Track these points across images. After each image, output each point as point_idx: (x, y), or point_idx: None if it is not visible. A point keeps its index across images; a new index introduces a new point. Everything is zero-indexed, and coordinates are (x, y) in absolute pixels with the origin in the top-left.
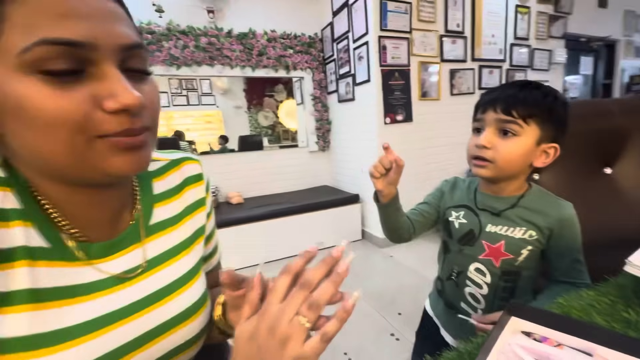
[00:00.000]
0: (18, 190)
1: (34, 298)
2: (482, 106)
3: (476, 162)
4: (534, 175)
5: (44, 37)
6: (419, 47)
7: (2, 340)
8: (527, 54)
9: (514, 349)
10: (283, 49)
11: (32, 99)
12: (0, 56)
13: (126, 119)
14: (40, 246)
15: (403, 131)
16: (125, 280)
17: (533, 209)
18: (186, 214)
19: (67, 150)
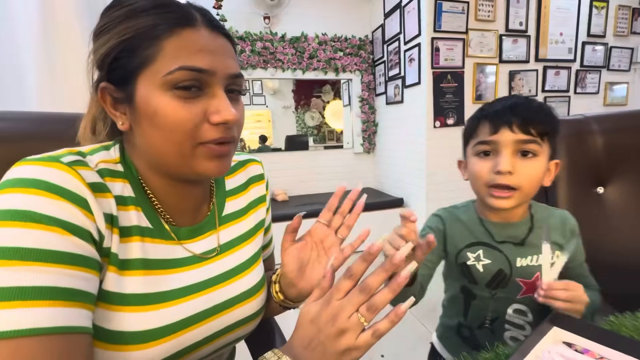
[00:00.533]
0: (132, 182)
1: (145, 266)
2: (493, 126)
3: (498, 192)
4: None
5: (184, 64)
6: (475, 47)
7: (124, 294)
8: (603, 52)
9: (553, 357)
10: (333, 51)
11: (165, 108)
12: (152, 76)
13: (222, 130)
14: (147, 226)
15: (453, 135)
16: (204, 259)
17: (549, 228)
18: (250, 208)
19: (177, 150)
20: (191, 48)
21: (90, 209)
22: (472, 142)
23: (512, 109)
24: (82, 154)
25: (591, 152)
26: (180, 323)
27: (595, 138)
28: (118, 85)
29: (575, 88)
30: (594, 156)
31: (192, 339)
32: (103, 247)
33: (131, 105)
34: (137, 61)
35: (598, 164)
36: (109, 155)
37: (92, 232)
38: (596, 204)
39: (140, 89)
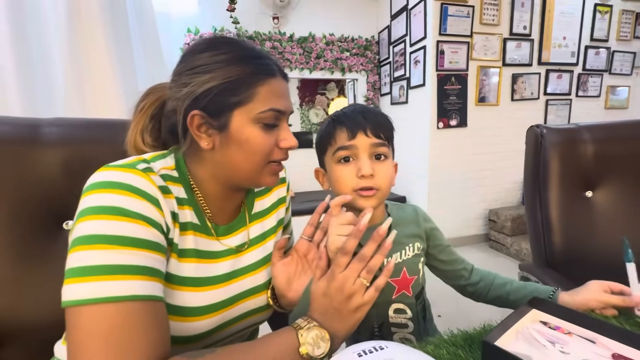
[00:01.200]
0: (184, 186)
1: (197, 255)
2: (350, 131)
3: (364, 192)
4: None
5: (273, 107)
6: (479, 51)
7: (181, 277)
8: (605, 56)
9: (530, 331)
10: (340, 51)
11: (255, 138)
12: (247, 112)
13: (285, 153)
14: (197, 223)
15: (456, 136)
16: (237, 252)
17: (404, 221)
18: (273, 208)
19: (254, 168)
20: (276, 94)
21: (161, 207)
22: (330, 150)
23: (363, 115)
24: (147, 162)
25: (582, 159)
26: (223, 302)
27: (587, 146)
28: (212, 114)
29: (577, 91)
30: (584, 163)
31: (230, 316)
32: (168, 237)
33: (222, 132)
34: (236, 99)
35: (588, 170)
36: (166, 162)
37: (162, 225)
38: (585, 207)
39: (235, 121)
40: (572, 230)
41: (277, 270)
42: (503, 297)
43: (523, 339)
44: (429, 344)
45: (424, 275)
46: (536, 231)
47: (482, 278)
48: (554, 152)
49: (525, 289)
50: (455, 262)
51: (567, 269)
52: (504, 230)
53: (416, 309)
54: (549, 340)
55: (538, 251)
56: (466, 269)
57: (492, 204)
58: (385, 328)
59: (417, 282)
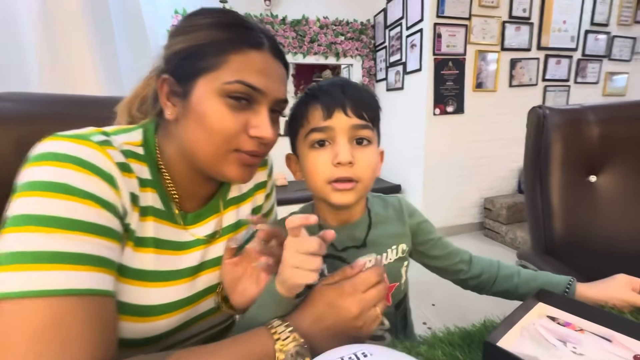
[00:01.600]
0: (150, 165)
1: (157, 245)
2: (326, 109)
3: (339, 185)
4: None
5: (243, 79)
6: (477, 34)
7: (135, 269)
8: (605, 42)
9: (537, 328)
10: (334, 35)
11: (214, 112)
12: (212, 80)
13: (256, 144)
14: (160, 208)
15: (453, 123)
16: (207, 242)
17: (386, 219)
18: (249, 195)
19: (213, 151)
20: (252, 67)
21: (117, 186)
22: (302, 132)
23: (343, 90)
24: (106, 134)
25: (586, 141)
26: (186, 300)
27: (591, 128)
28: (179, 80)
29: (576, 77)
30: (589, 146)
31: (193, 314)
32: (125, 222)
33: (184, 100)
34: (203, 65)
35: (592, 153)
36: (131, 137)
37: (117, 207)
38: (588, 193)
39: (198, 89)
40: (574, 217)
41: (224, 269)
42: (511, 290)
43: (529, 337)
44: (422, 344)
45: (407, 282)
46: (536, 217)
47: (484, 269)
48: (557, 134)
49: (536, 280)
50: (450, 256)
51: (567, 256)
52: (499, 218)
53: (395, 319)
54: (559, 339)
55: (537, 238)
56: (464, 260)
57: (488, 192)
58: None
59: (399, 289)
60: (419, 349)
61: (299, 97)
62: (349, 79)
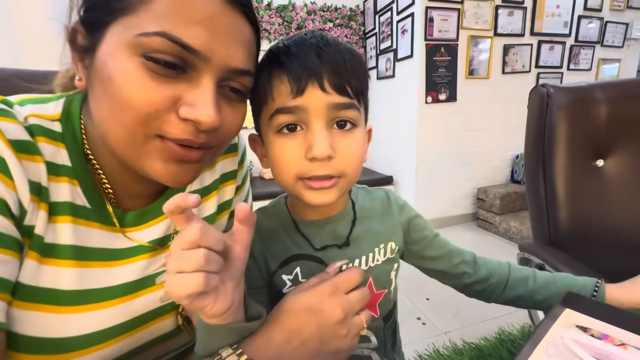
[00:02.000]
0: (70, 148)
1: (78, 255)
2: (295, 82)
3: (315, 184)
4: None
5: (167, 31)
6: (470, 19)
7: (42, 289)
8: (598, 27)
9: (567, 343)
10: (323, 22)
11: (125, 75)
12: (124, 29)
13: (191, 131)
14: (82, 205)
15: (445, 111)
16: (155, 249)
17: (373, 213)
18: (214, 188)
19: (125, 134)
20: (188, 14)
21: (10, 173)
22: (265, 111)
23: (318, 53)
24: (7, 103)
25: (593, 122)
26: (122, 326)
27: (599, 107)
28: (88, 29)
29: (569, 64)
30: (596, 127)
31: (131, 345)
32: (24, 224)
33: (90, 59)
34: (116, 4)
35: (599, 135)
36: (45, 109)
37: (9, 203)
38: (595, 178)
39: (105, 42)
40: (580, 204)
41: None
42: (525, 296)
43: (558, 355)
44: None
45: (396, 290)
46: (538, 206)
47: (492, 272)
48: (562, 115)
49: (556, 284)
50: (449, 256)
51: (574, 247)
52: (492, 208)
53: (384, 335)
54: (597, 358)
55: (540, 228)
56: (466, 261)
57: (481, 182)
58: None
59: (387, 297)
60: None
61: (260, 60)
62: (326, 34)
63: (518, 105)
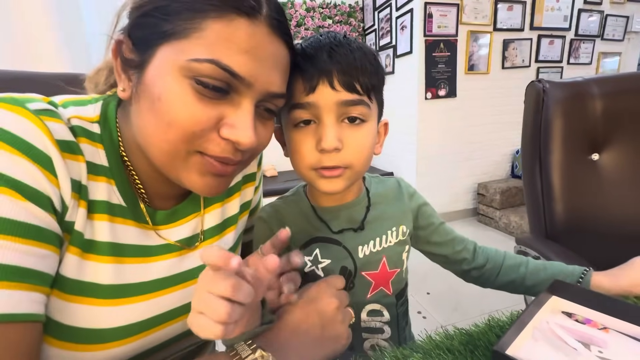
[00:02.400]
0: (108, 149)
1: (115, 252)
2: (308, 80)
3: (326, 172)
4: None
5: (218, 59)
6: (469, 14)
7: (86, 283)
8: (598, 21)
9: (552, 327)
10: (322, 19)
11: (175, 96)
12: (176, 52)
13: (230, 150)
14: (118, 204)
15: (445, 107)
16: (181, 249)
17: (385, 199)
18: (237, 189)
19: (168, 150)
20: (236, 43)
21: (55, 172)
22: (285, 106)
23: (330, 54)
24: (53, 104)
25: (589, 116)
26: (147, 322)
27: (595, 102)
28: (136, 45)
29: (569, 58)
30: (592, 121)
31: (158, 340)
32: (65, 220)
33: (139, 74)
34: (168, 28)
35: (595, 129)
36: (85, 112)
37: (53, 200)
38: (590, 172)
39: (155, 61)
40: (576, 198)
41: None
42: (517, 281)
43: (544, 339)
44: (415, 352)
45: (407, 270)
46: (535, 199)
47: (489, 259)
48: (558, 110)
49: (546, 270)
50: (452, 243)
51: (570, 240)
52: (492, 203)
53: (396, 311)
54: (580, 340)
55: (537, 222)
56: (467, 249)
57: (481, 178)
58: (355, 334)
59: (400, 276)
60: (412, 359)
61: None
62: (343, 34)
63: (518, 100)
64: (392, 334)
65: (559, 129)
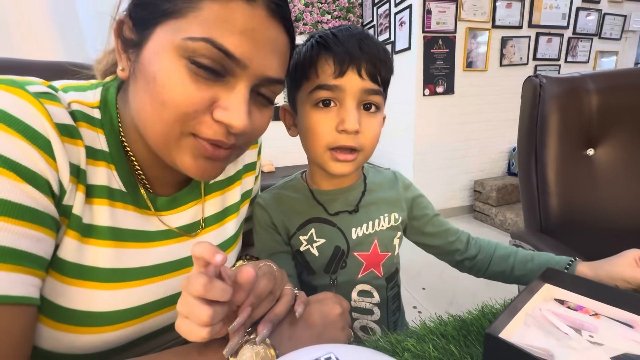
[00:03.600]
0: (108, 134)
1: (114, 236)
2: (339, 65)
3: (341, 155)
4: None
5: (212, 38)
6: (468, 11)
7: (85, 267)
8: (596, 19)
9: (544, 314)
10: (320, 14)
11: (169, 75)
12: (172, 31)
13: (223, 132)
14: (119, 189)
15: (443, 104)
16: (183, 235)
17: (380, 187)
18: (237, 178)
19: (162, 130)
20: (232, 24)
21: (54, 155)
22: (307, 86)
23: (360, 45)
24: (53, 88)
25: (585, 112)
26: (149, 306)
27: (590, 97)
28: (136, 24)
29: (566, 57)
30: (587, 116)
31: (155, 326)
32: (63, 204)
33: (137, 53)
34: (166, 6)
35: (590, 124)
36: (85, 97)
37: (51, 183)
38: (585, 167)
39: (152, 41)
40: (571, 193)
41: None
42: (507, 272)
43: (536, 324)
44: (409, 337)
45: (398, 256)
46: (530, 194)
47: (481, 250)
48: (554, 105)
49: (534, 261)
50: (446, 234)
51: (564, 234)
52: (489, 200)
53: (386, 294)
54: (572, 326)
55: (532, 216)
56: (460, 240)
57: (478, 175)
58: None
59: (390, 260)
60: (406, 343)
61: (307, 41)
62: (365, 30)
63: (515, 98)
64: (382, 316)
65: (555, 124)
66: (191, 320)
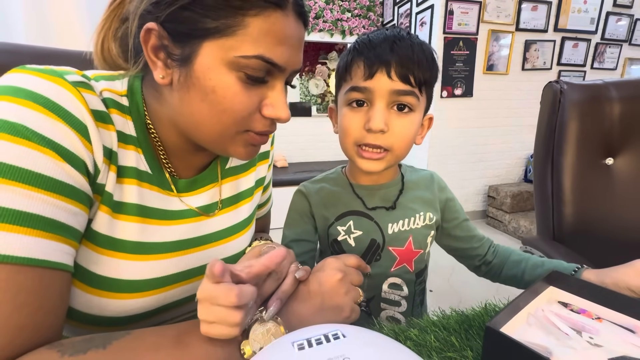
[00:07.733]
0: (135, 120)
1: (141, 213)
2: (368, 68)
3: (367, 153)
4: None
5: (264, 55)
6: (491, 13)
7: (116, 239)
8: (627, 25)
9: (547, 315)
10: (341, 12)
11: (227, 89)
12: (223, 49)
13: (270, 124)
14: (145, 171)
15: (460, 107)
16: (199, 215)
17: (417, 186)
18: (252, 165)
19: (221, 131)
20: (276, 37)
21: (90, 138)
22: (344, 87)
23: (392, 47)
24: (87, 77)
25: (606, 120)
26: (168, 278)
27: (612, 105)
28: (175, 37)
29: (593, 63)
30: (608, 125)
31: (175, 297)
32: (97, 182)
33: (185, 67)
34: (212, 26)
35: (611, 133)
36: (114, 85)
37: (87, 164)
38: (603, 176)
39: (203, 56)
40: (587, 202)
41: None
42: (518, 276)
43: (537, 324)
44: (412, 327)
45: (429, 254)
46: (544, 201)
47: (497, 255)
48: (574, 112)
49: (543, 266)
50: (472, 240)
51: (576, 243)
52: (502, 207)
53: (414, 288)
54: (573, 328)
55: (545, 224)
56: (483, 247)
57: (493, 180)
58: (375, 303)
59: (422, 257)
60: (408, 333)
61: (349, 47)
62: (405, 30)
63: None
64: (407, 309)
65: (574, 131)
66: (221, 324)
